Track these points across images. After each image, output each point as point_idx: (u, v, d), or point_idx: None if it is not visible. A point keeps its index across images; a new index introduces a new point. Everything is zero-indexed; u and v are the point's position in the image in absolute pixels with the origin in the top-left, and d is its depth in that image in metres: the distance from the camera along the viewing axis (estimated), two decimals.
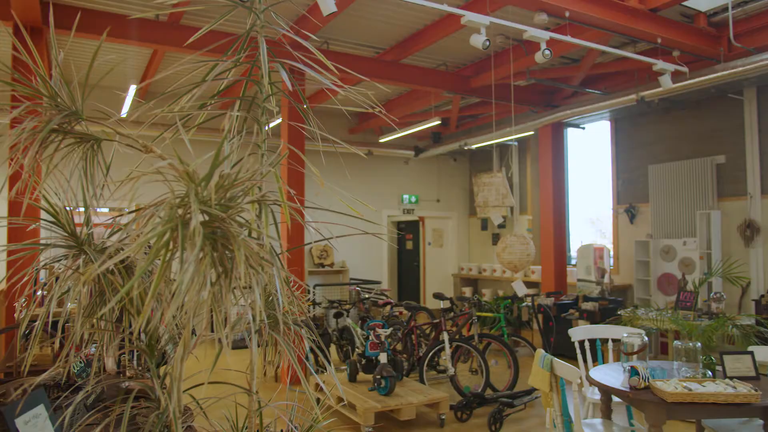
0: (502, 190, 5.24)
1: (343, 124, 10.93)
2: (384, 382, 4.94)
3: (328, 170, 10.79)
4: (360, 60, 7.18)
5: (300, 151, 6.57)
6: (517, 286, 5.77)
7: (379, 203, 11.26)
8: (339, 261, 10.81)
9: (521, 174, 10.76)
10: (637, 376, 3.25)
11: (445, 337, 5.69)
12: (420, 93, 8.81)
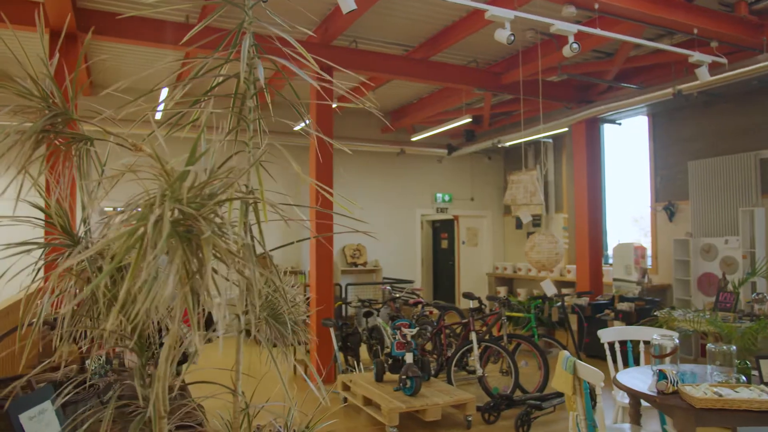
0: (530, 188, 5.13)
1: (375, 123, 10.92)
2: (409, 382, 4.90)
3: (361, 169, 10.80)
4: (389, 58, 7.15)
5: (328, 152, 6.59)
6: (545, 286, 5.64)
7: (412, 202, 11.22)
8: (372, 260, 10.81)
9: (556, 172, 10.54)
10: (665, 380, 3.13)
11: (473, 337, 5.61)
12: (451, 91, 8.72)
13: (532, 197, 5.14)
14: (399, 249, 11.08)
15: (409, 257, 11.16)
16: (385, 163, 11.02)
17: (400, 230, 11.11)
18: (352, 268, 10.55)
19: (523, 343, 5.68)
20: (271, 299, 1.90)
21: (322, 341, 6.50)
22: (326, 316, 6.53)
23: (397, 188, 11.10)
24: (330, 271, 6.65)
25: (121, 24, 5.87)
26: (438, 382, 5.38)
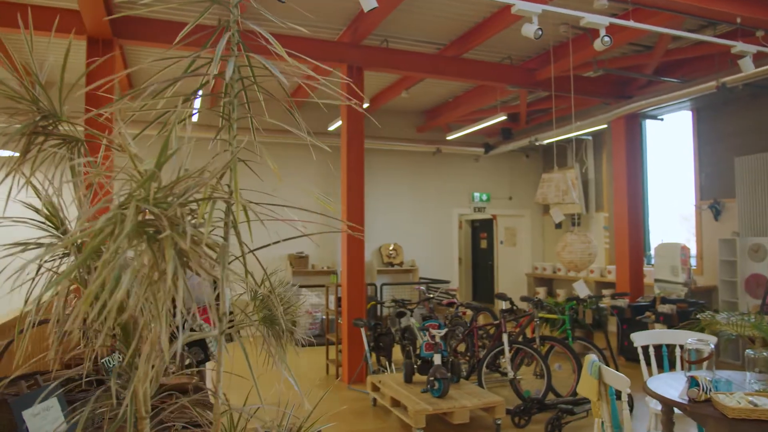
0: (562, 186, 4.98)
1: (410, 123, 10.87)
2: (437, 384, 4.84)
3: (396, 169, 10.77)
4: (420, 57, 7.09)
5: (358, 152, 6.59)
6: (578, 287, 5.48)
7: (449, 201, 11.12)
8: (409, 260, 10.76)
9: (597, 169, 10.26)
10: (697, 388, 2.98)
11: (504, 339, 5.50)
12: (486, 88, 8.60)
13: (564, 196, 4.99)
14: (436, 249, 11.00)
15: (446, 257, 11.06)
16: (421, 163, 10.95)
17: (436, 230, 11.02)
18: (389, 268, 10.52)
19: (557, 345, 5.54)
20: (266, 301, 1.89)
21: (353, 341, 6.49)
22: (357, 316, 6.52)
23: (433, 188, 11.02)
24: (361, 271, 6.64)
25: (156, 29, 6.00)
26: (468, 384, 5.30)
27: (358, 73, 6.69)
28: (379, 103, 9.59)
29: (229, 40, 1.57)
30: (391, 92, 9.00)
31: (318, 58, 6.57)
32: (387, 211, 10.71)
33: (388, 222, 10.70)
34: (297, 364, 7.55)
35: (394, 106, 10.40)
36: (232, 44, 1.59)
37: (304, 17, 6.35)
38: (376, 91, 9.48)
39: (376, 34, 6.81)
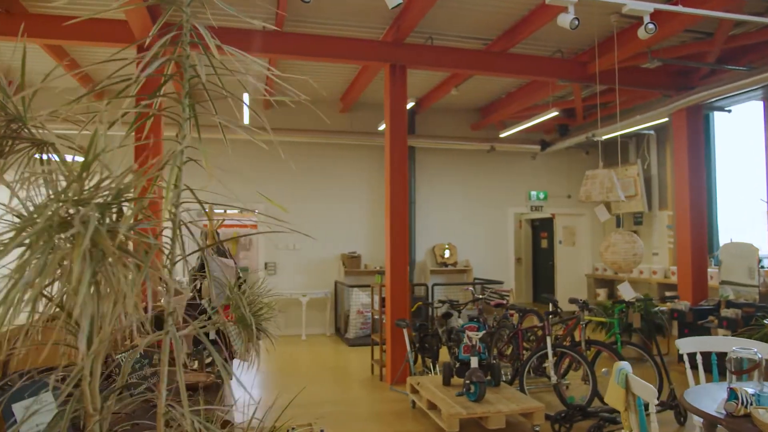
0: (606, 184, 4.72)
1: (464, 120, 10.71)
2: (473, 387, 4.73)
3: (449, 167, 10.63)
4: (465, 53, 6.95)
5: (401, 151, 6.54)
6: (623, 289, 5.19)
7: (504, 200, 10.87)
8: (463, 260, 10.60)
9: (660, 165, 9.75)
10: (735, 401, 2.76)
11: (547, 342, 5.31)
12: (539, 84, 8.33)
13: (609, 193, 4.73)
14: (491, 249, 10.78)
15: (502, 257, 10.83)
16: (475, 161, 10.76)
17: (491, 229, 10.81)
18: (442, 269, 10.40)
19: (604, 350, 5.28)
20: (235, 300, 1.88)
21: (396, 342, 6.44)
22: (400, 316, 6.47)
23: (488, 186, 10.81)
24: (404, 272, 6.59)
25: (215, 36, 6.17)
26: (509, 388, 5.15)
27: (401, 72, 6.64)
28: (429, 102, 9.49)
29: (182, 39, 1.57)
30: (441, 90, 8.89)
31: (360, 58, 6.58)
32: (440, 210, 10.59)
33: (441, 222, 10.58)
34: (345, 364, 7.59)
35: (446, 105, 10.27)
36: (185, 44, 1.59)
37: (349, 18, 6.37)
38: (427, 90, 9.40)
39: (420, 31, 6.74)
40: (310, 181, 10.10)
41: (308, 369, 7.33)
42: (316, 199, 10.10)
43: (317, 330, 10.02)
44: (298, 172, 10.07)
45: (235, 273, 3.72)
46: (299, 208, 10.03)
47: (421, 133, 10.32)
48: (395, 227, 6.57)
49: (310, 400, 5.94)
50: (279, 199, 9.94)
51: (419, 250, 10.44)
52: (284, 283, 9.94)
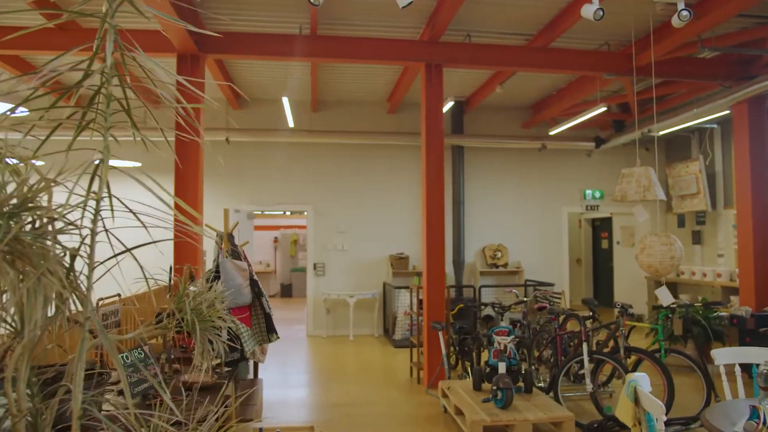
0: (643, 182, 4.43)
1: (515, 119, 10.45)
2: (500, 393, 4.59)
3: (500, 167, 10.41)
4: (504, 50, 6.77)
5: (437, 151, 6.44)
6: (661, 294, 4.87)
7: (557, 200, 10.53)
8: (514, 261, 10.35)
9: (725, 161, 9.14)
10: (756, 420, 2.54)
11: (584, 348, 5.09)
12: (588, 79, 8.00)
13: (646, 192, 4.44)
14: (544, 249, 10.47)
15: (556, 258, 10.49)
16: (526, 160, 10.48)
17: (544, 230, 10.49)
18: (492, 270, 10.20)
19: (645, 358, 5.00)
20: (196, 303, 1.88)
21: (432, 345, 6.36)
22: (437, 318, 6.38)
23: (540, 185, 10.50)
24: (441, 273, 6.49)
25: (243, 42, 6.32)
26: (540, 395, 4.97)
27: (436, 71, 6.55)
28: (477, 101, 9.32)
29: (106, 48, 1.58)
30: (487, 89, 8.71)
31: (394, 58, 6.54)
32: (491, 210, 10.39)
33: (492, 222, 10.38)
34: (387, 365, 7.57)
35: (495, 103, 10.06)
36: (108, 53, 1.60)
37: (383, 18, 6.35)
38: (473, 89, 9.23)
39: (457, 29, 6.63)
40: (358, 183, 10.15)
41: (350, 369, 7.37)
42: (365, 200, 10.14)
43: (365, 331, 10.06)
44: (346, 174, 10.14)
45: (248, 275, 3.77)
46: (348, 210, 10.10)
47: (469, 133, 10.16)
48: (431, 228, 6.48)
49: (344, 400, 5.96)
50: (329, 200, 10.06)
51: (468, 251, 10.27)
52: (332, 284, 10.04)
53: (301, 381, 6.80)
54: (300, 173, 10.06)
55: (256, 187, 9.98)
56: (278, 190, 10.04)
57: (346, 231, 10.15)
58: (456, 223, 10.03)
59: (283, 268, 17.10)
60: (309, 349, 8.80)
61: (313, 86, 8.58)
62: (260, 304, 3.82)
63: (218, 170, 9.89)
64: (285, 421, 5.25)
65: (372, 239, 10.15)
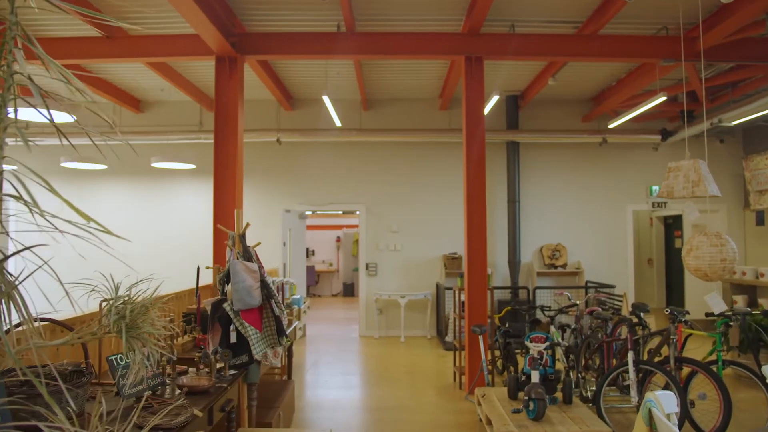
0: (692, 177, 3.99)
1: (575, 112, 9.95)
2: (532, 404, 4.31)
3: (558, 163, 9.94)
4: (550, 39, 6.41)
5: (479, 147, 6.19)
6: (711, 301, 4.38)
7: (621, 197, 9.93)
8: (573, 262, 9.86)
9: None
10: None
11: (629, 357, 4.70)
12: (649, 66, 7.46)
13: (695, 188, 4.01)
14: (607, 249, 9.91)
15: (620, 259, 9.90)
16: (586, 155, 9.96)
17: (606, 228, 9.93)
18: (550, 270, 9.76)
19: (699, 370, 4.56)
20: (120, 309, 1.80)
21: (474, 349, 6.11)
22: (478, 321, 6.13)
23: (601, 182, 9.94)
24: (483, 274, 6.23)
25: (279, 42, 6.32)
26: (580, 407, 4.63)
27: (477, 64, 6.29)
28: (531, 95, 8.94)
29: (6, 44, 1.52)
30: (540, 82, 8.33)
31: (431, 52, 6.33)
32: (548, 208, 9.95)
33: (549, 220, 9.93)
34: (433, 368, 7.37)
35: (553, 96, 9.62)
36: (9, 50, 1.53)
37: (420, 12, 6.17)
38: (526, 82, 8.87)
39: (500, 20, 6.35)
40: (411, 181, 9.99)
41: (393, 371, 7.23)
42: (418, 199, 9.97)
43: (417, 332, 9.89)
44: (398, 172, 10.01)
45: (258, 276, 3.71)
46: (401, 209, 9.97)
47: (525, 128, 9.76)
48: (473, 227, 6.24)
49: (379, 404, 5.83)
50: (381, 199, 9.97)
51: (525, 251, 9.88)
52: (385, 284, 9.94)
53: (342, 383, 6.72)
54: (352, 172, 10.03)
55: (308, 187, 10.03)
56: (330, 189, 10.05)
57: (399, 230, 10.01)
58: (511, 222, 9.67)
59: (346, 268, 17.20)
60: (358, 350, 8.73)
61: (359, 84, 8.50)
62: (270, 307, 3.75)
63: (270, 171, 10.02)
64: (309, 424, 5.19)
65: (425, 239, 9.97)
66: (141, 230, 10.04)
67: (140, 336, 1.65)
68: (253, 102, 9.80)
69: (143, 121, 9.96)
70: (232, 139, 6.12)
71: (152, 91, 9.33)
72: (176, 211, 10.04)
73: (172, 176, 10.10)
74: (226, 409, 3.14)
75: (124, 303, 1.65)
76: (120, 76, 8.47)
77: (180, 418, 2.49)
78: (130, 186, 10.14)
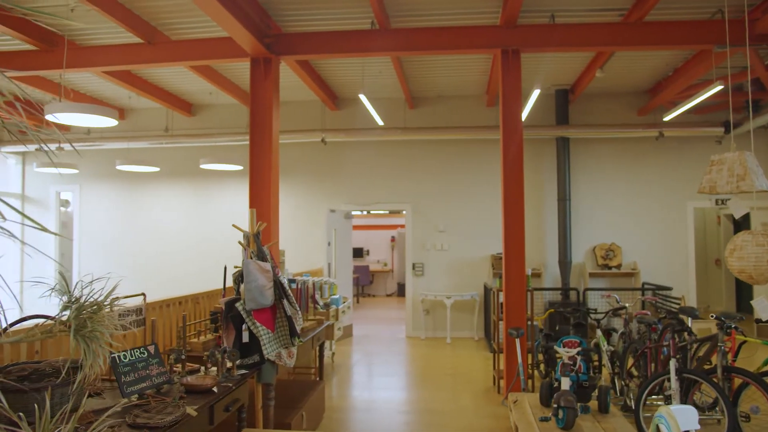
0: (737, 171, 3.64)
1: (630, 105, 9.47)
2: (561, 412, 4.09)
3: (611, 158, 9.50)
4: (591, 28, 6.10)
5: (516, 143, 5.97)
6: (759, 306, 3.98)
7: (680, 193, 9.38)
8: (629, 262, 9.39)
9: None
10: None
11: (671, 365, 4.39)
12: (707, 54, 6.99)
13: (740, 182, 3.66)
14: (665, 249, 9.38)
15: (680, 259, 9.34)
16: (643, 150, 9.46)
17: (665, 227, 9.40)
18: (604, 271, 9.33)
19: (750, 382, 4.19)
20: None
21: (512, 352, 5.90)
22: (516, 324, 5.91)
23: (658, 178, 9.42)
24: (521, 275, 6.00)
25: (314, 42, 6.32)
26: (617, 417, 4.35)
27: (514, 57, 6.07)
28: (581, 88, 8.58)
29: None
30: (589, 74, 7.97)
31: (466, 46, 6.16)
32: (601, 207, 9.52)
33: (602, 219, 9.50)
34: (475, 370, 7.18)
35: (604, 89, 9.20)
36: None
37: (457, 6, 6.02)
38: (574, 76, 8.52)
39: (539, 10, 6.10)
40: (458, 180, 9.81)
41: (434, 373, 7.10)
42: (465, 198, 9.78)
43: (464, 333, 9.69)
44: (445, 171, 9.85)
45: (271, 276, 3.69)
46: (447, 208, 9.81)
47: (576, 123, 9.38)
48: (510, 227, 6.03)
49: (413, 407, 5.72)
50: (428, 198, 9.85)
51: (576, 251, 9.49)
52: (432, 284, 9.80)
53: (380, 384, 6.65)
54: (397, 171, 9.95)
55: (353, 187, 10.03)
56: (376, 189, 10.00)
57: (446, 230, 9.86)
58: (561, 221, 9.31)
59: (400, 268, 17.13)
60: (402, 351, 8.63)
61: (401, 82, 8.40)
62: (282, 306, 3.72)
63: (315, 171, 10.08)
64: (336, 426, 5.14)
65: (472, 238, 9.76)
66: (189, 229, 10.33)
67: (91, 335, 1.63)
68: (298, 103, 9.89)
69: (194, 124, 10.25)
70: (268, 139, 6.16)
71: (201, 95, 9.58)
72: (222, 211, 10.26)
73: (220, 177, 10.34)
74: (230, 409, 3.12)
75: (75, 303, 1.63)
76: (171, 81, 8.74)
77: (169, 417, 2.48)
78: (180, 187, 10.46)
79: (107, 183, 10.68)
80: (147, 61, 6.51)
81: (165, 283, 10.05)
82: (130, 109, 10.38)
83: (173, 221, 10.43)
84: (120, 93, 9.28)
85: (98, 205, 10.71)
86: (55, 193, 10.88)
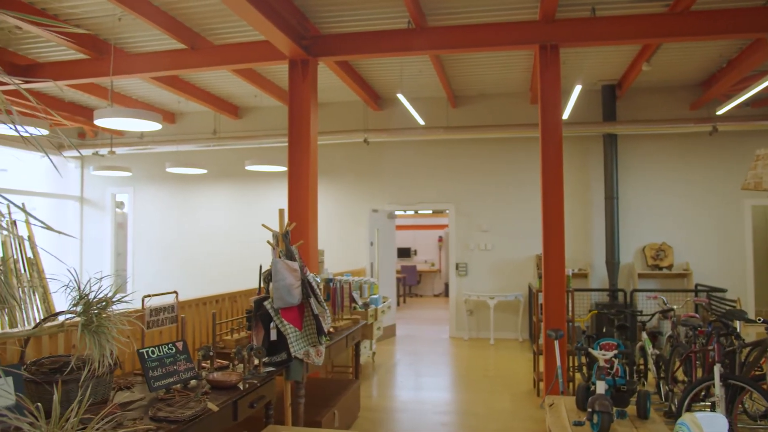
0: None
1: (681, 99, 9.11)
2: (596, 417, 3.97)
3: (661, 155, 9.16)
4: (633, 20, 5.89)
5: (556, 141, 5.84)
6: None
7: (737, 191, 8.93)
8: (681, 263, 9.03)
9: None
10: None
11: (715, 370, 4.19)
12: (762, 43, 6.64)
13: None
14: (720, 249, 8.97)
15: (736, 259, 8.92)
16: (695, 146, 9.07)
17: (720, 227, 8.99)
18: (654, 272, 9.01)
19: None
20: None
21: (551, 354, 5.77)
22: (556, 325, 5.78)
23: (712, 175, 9.02)
24: (561, 275, 5.87)
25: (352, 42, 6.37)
26: (657, 423, 4.19)
27: (552, 52, 5.94)
28: (628, 83, 8.31)
29: None
30: (636, 68, 7.71)
31: (503, 42, 6.07)
32: (650, 205, 9.19)
33: (652, 218, 9.17)
34: (517, 372, 7.07)
35: (653, 83, 8.87)
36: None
37: (495, 3, 5.94)
38: (621, 71, 8.26)
39: (580, 4, 5.94)
40: (501, 179, 9.69)
41: (474, 374, 7.03)
42: (508, 197, 9.64)
43: (509, 334, 9.55)
44: (488, 170, 9.74)
45: (299, 275, 3.74)
46: (491, 207, 9.70)
47: (624, 119, 9.09)
48: (549, 226, 5.91)
49: (449, 408, 5.69)
50: (471, 198, 9.77)
51: (625, 251, 9.19)
52: (475, 284, 9.71)
53: (418, 384, 6.64)
54: (440, 171, 9.90)
55: (396, 187, 10.04)
56: (419, 189, 9.99)
57: (489, 230, 9.74)
58: (609, 220, 9.04)
59: (448, 268, 17.03)
60: (444, 352, 8.59)
61: (442, 81, 8.36)
62: (310, 305, 3.76)
63: (358, 171, 10.15)
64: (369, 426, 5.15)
65: (516, 238, 9.61)
66: (235, 228, 10.57)
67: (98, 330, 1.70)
68: (341, 104, 9.97)
69: (241, 126, 10.49)
70: (306, 139, 6.24)
71: (246, 98, 9.79)
72: (267, 211, 10.46)
73: (265, 178, 10.54)
74: (255, 405, 3.18)
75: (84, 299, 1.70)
76: (217, 85, 8.98)
77: (189, 412, 2.55)
78: (227, 188, 10.73)
79: (159, 185, 11.07)
80: (190, 66, 6.71)
81: (216, 280, 10.28)
82: (179, 113, 10.72)
83: (220, 221, 10.70)
84: (170, 98, 9.60)
85: (151, 206, 11.11)
86: (111, 195, 11.36)
